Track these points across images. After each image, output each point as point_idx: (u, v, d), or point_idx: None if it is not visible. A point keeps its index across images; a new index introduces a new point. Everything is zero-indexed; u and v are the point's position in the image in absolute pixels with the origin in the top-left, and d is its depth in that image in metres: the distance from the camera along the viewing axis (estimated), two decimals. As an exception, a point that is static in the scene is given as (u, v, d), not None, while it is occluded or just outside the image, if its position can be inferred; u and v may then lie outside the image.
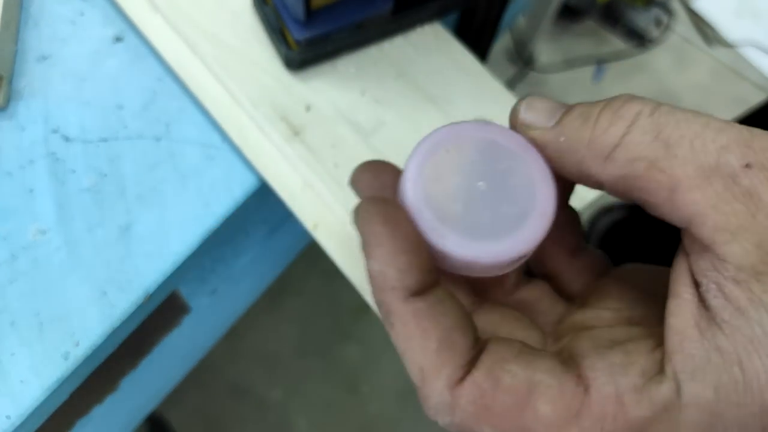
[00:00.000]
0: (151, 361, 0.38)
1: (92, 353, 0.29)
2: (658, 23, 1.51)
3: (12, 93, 0.34)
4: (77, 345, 0.29)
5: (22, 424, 0.28)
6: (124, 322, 0.30)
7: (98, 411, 0.36)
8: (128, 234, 0.31)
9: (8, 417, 0.27)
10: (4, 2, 0.34)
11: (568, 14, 1.44)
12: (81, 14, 0.37)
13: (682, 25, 1.57)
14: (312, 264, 1.29)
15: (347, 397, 1.19)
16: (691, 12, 1.59)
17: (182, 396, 1.15)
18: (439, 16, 0.37)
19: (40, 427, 0.30)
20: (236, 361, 1.19)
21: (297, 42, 0.32)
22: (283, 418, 1.16)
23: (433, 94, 0.35)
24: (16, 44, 0.35)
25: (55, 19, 0.36)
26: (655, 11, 1.49)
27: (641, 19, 1.46)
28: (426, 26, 0.37)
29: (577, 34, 1.46)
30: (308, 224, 0.31)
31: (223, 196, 0.33)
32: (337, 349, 1.22)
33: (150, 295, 0.30)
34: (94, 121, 0.34)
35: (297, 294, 1.26)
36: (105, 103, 0.34)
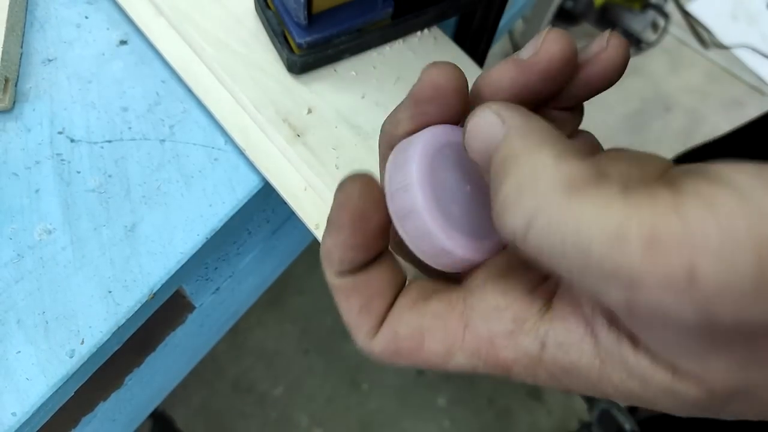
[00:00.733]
0: (155, 359, 0.39)
1: (97, 351, 0.29)
2: (654, 26, 1.51)
3: (18, 95, 0.34)
4: (82, 343, 0.29)
5: (27, 420, 0.28)
6: (128, 320, 0.30)
7: (103, 408, 0.37)
8: (133, 234, 0.32)
9: (14, 414, 0.28)
10: (9, 5, 0.34)
11: (565, 17, 1.44)
12: (86, 17, 0.37)
13: (677, 27, 1.57)
14: (313, 263, 1.29)
15: (348, 394, 1.19)
16: (687, 15, 1.59)
17: (186, 393, 1.15)
18: (438, 21, 0.37)
19: (45, 423, 0.30)
20: (239, 359, 1.19)
21: (299, 46, 0.33)
22: (284, 415, 1.17)
23: (432, 97, 0.35)
24: (22, 47, 0.36)
25: (61, 23, 0.37)
26: (650, 14, 1.49)
27: (637, 22, 1.46)
28: (425, 31, 0.37)
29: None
30: (310, 224, 0.32)
31: (226, 197, 0.33)
32: (338, 346, 1.23)
33: (154, 294, 0.31)
34: (99, 122, 0.34)
35: (299, 292, 1.27)
36: (110, 105, 0.35)
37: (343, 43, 0.34)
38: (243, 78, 0.34)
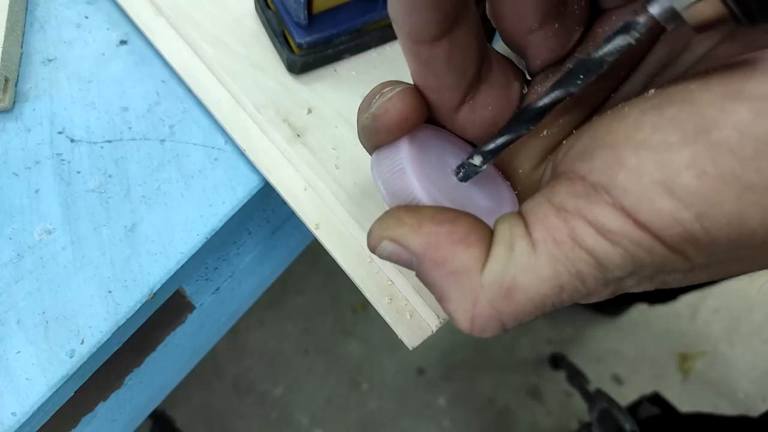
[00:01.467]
0: (155, 359, 0.39)
1: (97, 351, 0.29)
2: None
3: (18, 95, 0.34)
4: (82, 343, 0.29)
5: (27, 420, 0.28)
6: (128, 320, 0.30)
7: (103, 408, 0.37)
8: (133, 234, 0.32)
9: (14, 414, 0.28)
10: (9, 6, 0.34)
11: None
12: (86, 17, 0.37)
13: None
14: (313, 263, 1.30)
15: (348, 394, 1.20)
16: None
17: (186, 393, 1.15)
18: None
19: (45, 423, 0.30)
20: (239, 359, 1.19)
21: (299, 46, 0.33)
22: (284, 415, 1.17)
23: (432, 97, 0.35)
24: (22, 47, 0.36)
25: (61, 23, 0.37)
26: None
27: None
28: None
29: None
30: (310, 224, 0.32)
31: (226, 197, 0.33)
32: (338, 346, 1.23)
33: (154, 294, 0.31)
34: (99, 122, 0.34)
35: (299, 293, 1.27)
36: (110, 105, 0.35)
37: (343, 43, 0.34)
38: (243, 78, 0.34)
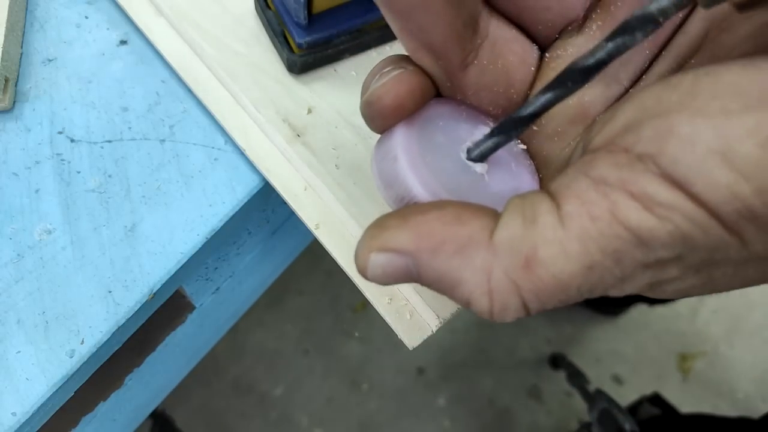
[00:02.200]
0: (155, 359, 0.39)
1: (97, 351, 0.29)
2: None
3: (18, 95, 0.34)
4: (82, 343, 0.29)
5: (27, 420, 0.28)
6: (129, 320, 0.30)
7: (103, 408, 0.37)
8: (133, 234, 0.32)
9: (14, 414, 0.28)
10: (9, 5, 0.34)
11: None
12: (86, 17, 0.37)
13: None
14: (313, 263, 1.30)
15: (348, 394, 1.20)
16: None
17: (186, 393, 1.16)
18: (439, 20, 0.37)
19: (45, 424, 0.30)
20: (239, 359, 1.19)
21: (299, 46, 0.33)
22: (284, 415, 1.17)
23: (433, 97, 0.35)
24: (22, 47, 0.36)
25: (60, 22, 0.37)
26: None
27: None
28: (426, 29, 0.37)
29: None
30: (310, 224, 0.32)
31: (226, 197, 0.33)
32: (338, 346, 1.23)
33: (154, 294, 0.31)
34: (99, 122, 0.34)
35: (299, 293, 1.27)
36: (110, 105, 0.35)
37: (343, 43, 0.34)
38: (243, 78, 0.34)
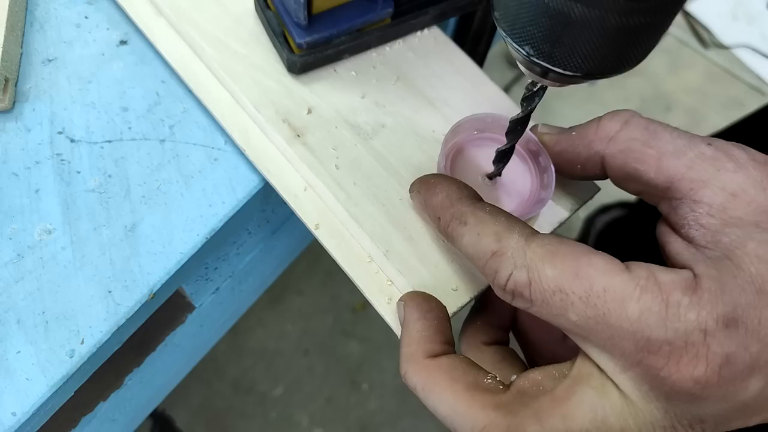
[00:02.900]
0: (155, 359, 0.39)
1: (97, 351, 0.29)
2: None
3: (18, 95, 0.34)
4: (82, 343, 0.29)
5: (27, 420, 0.28)
6: (128, 320, 0.30)
7: (103, 408, 0.37)
8: (133, 234, 0.32)
9: (14, 414, 0.28)
10: (9, 5, 0.34)
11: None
12: (86, 17, 0.37)
13: (677, 27, 1.57)
14: (313, 263, 1.29)
15: (348, 394, 1.19)
16: (687, 15, 1.59)
17: (186, 393, 1.15)
18: (438, 21, 0.37)
19: (45, 423, 0.30)
20: (239, 359, 1.19)
21: (299, 46, 0.33)
22: (284, 415, 1.17)
23: (431, 97, 0.35)
24: (22, 47, 0.36)
25: (61, 23, 0.37)
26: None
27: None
28: (425, 31, 0.37)
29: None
30: (310, 224, 0.32)
31: (226, 197, 0.33)
32: (337, 346, 1.23)
33: (154, 294, 0.31)
34: (99, 122, 0.34)
35: (298, 293, 1.27)
36: (110, 105, 0.35)
37: (343, 43, 0.34)
38: (243, 78, 0.34)
